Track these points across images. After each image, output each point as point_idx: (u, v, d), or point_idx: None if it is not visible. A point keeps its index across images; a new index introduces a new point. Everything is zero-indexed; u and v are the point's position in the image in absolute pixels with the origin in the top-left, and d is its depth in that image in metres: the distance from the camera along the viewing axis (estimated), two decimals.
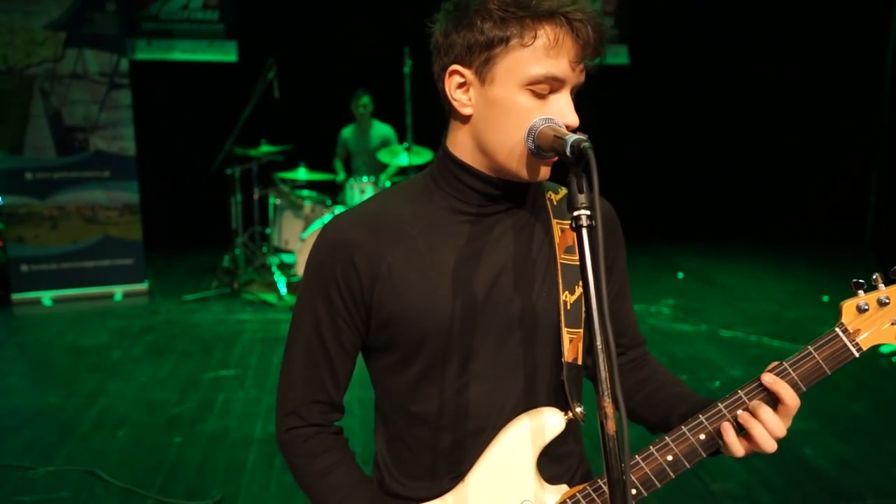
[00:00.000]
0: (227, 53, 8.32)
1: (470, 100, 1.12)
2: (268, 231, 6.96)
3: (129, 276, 6.69)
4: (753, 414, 1.13)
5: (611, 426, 0.82)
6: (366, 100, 7.05)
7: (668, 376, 1.35)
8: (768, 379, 1.14)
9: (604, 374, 0.83)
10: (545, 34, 1.05)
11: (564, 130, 1.04)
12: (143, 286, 6.73)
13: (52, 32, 6.24)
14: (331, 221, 1.21)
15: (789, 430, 1.13)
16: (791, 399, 1.13)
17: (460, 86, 1.12)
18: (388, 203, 1.22)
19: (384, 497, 1.25)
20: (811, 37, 8.48)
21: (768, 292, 6.80)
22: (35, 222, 6.39)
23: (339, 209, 6.31)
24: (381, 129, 7.22)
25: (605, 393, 0.82)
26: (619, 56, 8.83)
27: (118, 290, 6.62)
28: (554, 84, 1.07)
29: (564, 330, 1.18)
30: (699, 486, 3.28)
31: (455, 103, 1.13)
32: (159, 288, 6.83)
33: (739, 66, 8.82)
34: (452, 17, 1.10)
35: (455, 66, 1.11)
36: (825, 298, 6.44)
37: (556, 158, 1.10)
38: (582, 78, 1.11)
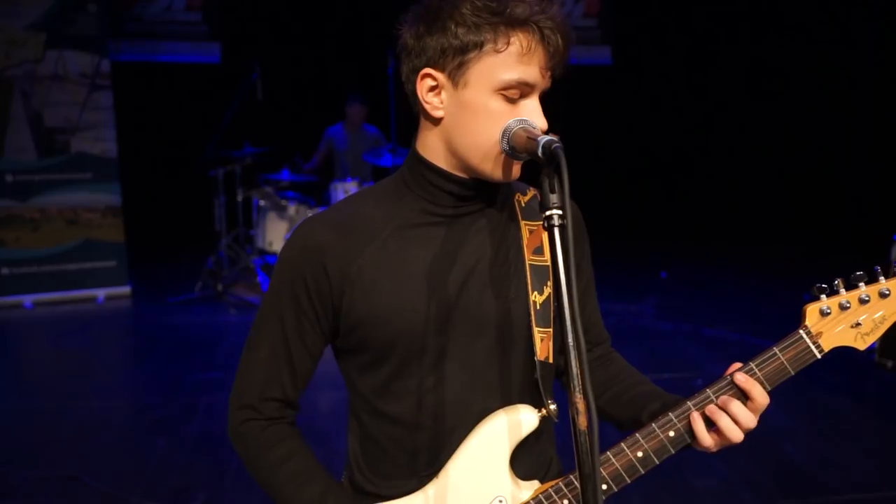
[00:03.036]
0: (210, 54, 8.28)
1: (442, 103, 1.14)
2: (252, 233, 6.93)
3: (111, 279, 6.63)
4: (723, 408, 1.17)
5: (582, 421, 0.84)
6: (358, 103, 7.09)
7: (635, 374, 1.38)
8: (741, 378, 1.19)
9: (574, 370, 0.84)
10: (518, 41, 1.08)
11: (537, 132, 1.07)
12: (125, 289, 6.68)
13: (32, 33, 6.18)
14: (303, 224, 1.22)
15: (771, 427, 1.17)
16: (761, 397, 1.18)
17: (432, 89, 1.14)
18: (359, 205, 1.23)
19: (339, 485, 1.27)
20: (797, 38, 8.55)
21: (750, 291, 6.86)
22: (16, 225, 6.32)
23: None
24: (371, 131, 7.26)
25: (577, 389, 0.84)
26: (602, 57, 8.87)
27: (101, 293, 6.57)
28: (524, 89, 1.11)
29: (535, 329, 1.21)
30: (681, 483, 3.31)
31: (427, 106, 1.15)
32: (142, 290, 6.78)
33: (723, 66, 8.88)
34: (424, 20, 1.12)
35: (428, 70, 1.12)
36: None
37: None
38: (549, 83, 1.15)
